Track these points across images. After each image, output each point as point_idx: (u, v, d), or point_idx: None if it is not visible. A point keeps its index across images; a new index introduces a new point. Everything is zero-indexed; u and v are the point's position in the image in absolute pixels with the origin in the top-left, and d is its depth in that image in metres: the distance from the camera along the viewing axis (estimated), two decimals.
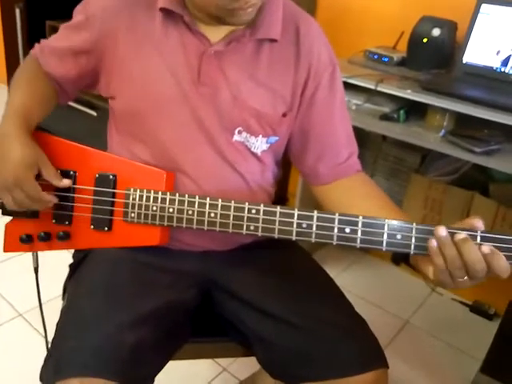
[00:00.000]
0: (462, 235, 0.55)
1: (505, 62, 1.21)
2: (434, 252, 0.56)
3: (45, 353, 0.65)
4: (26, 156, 0.64)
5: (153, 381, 0.67)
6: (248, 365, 0.85)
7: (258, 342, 0.73)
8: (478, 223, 0.57)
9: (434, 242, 0.56)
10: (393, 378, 1.28)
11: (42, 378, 0.63)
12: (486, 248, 0.55)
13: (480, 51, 1.23)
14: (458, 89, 1.19)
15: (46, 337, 0.81)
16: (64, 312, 0.70)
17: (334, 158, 0.77)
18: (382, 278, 1.68)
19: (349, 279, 1.60)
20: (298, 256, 0.82)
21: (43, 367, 0.63)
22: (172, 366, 0.72)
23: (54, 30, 2.17)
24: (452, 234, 0.56)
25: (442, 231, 0.56)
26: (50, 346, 0.64)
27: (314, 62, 0.73)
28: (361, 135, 1.46)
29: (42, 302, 0.80)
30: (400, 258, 0.69)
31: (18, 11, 2.37)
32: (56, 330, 0.66)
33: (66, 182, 0.69)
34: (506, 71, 1.21)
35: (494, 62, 1.22)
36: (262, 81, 0.71)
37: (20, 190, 0.64)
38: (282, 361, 0.70)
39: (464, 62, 1.26)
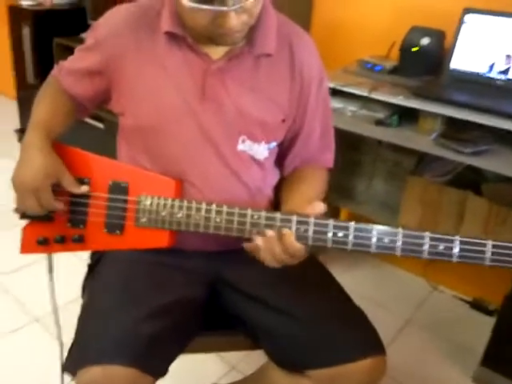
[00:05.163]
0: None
1: (490, 68, 1.27)
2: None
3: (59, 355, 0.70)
4: (46, 165, 0.71)
5: (167, 370, 0.72)
6: (256, 362, 0.90)
7: (263, 334, 0.79)
8: (314, 210, 0.66)
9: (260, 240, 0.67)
10: (395, 375, 1.32)
11: (65, 368, 0.69)
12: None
13: (467, 58, 1.29)
14: (447, 94, 1.24)
15: (59, 334, 0.84)
16: (84, 308, 0.76)
17: (307, 155, 0.87)
18: (384, 277, 1.72)
19: (351, 280, 1.64)
20: None
21: (67, 358, 0.69)
22: (182, 364, 0.76)
23: (61, 47, 2.27)
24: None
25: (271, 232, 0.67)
26: (73, 338, 0.70)
27: (305, 75, 0.81)
28: (358, 140, 1.53)
29: (58, 305, 0.85)
30: None
31: (26, 30, 2.46)
32: (78, 324, 0.72)
33: (84, 189, 0.75)
34: (492, 76, 1.27)
35: (481, 68, 1.28)
36: (261, 91, 0.78)
37: (34, 197, 0.71)
38: (286, 351, 0.75)
39: (451, 68, 1.32)
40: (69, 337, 0.72)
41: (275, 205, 0.88)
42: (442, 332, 1.49)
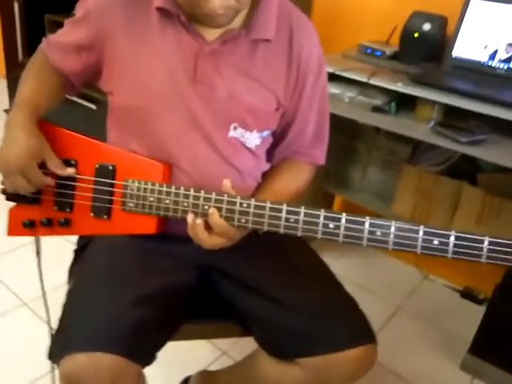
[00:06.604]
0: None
1: (492, 56, 1.25)
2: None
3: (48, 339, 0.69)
4: (30, 146, 0.68)
5: (154, 357, 0.71)
6: (247, 348, 0.89)
7: (254, 321, 0.78)
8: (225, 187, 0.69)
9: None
10: (384, 363, 1.33)
11: (49, 355, 0.67)
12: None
13: (469, 46, 1.27)
14: (447, 82, 1.22)
15: (48, 317, 0.83)
16: (70, 294, 0.74)
17: (298, 147, 0.85)
18: (376, 265, 1.73)
19: (343, 267, 1.64)
20: (290, 241, 0.86)
21: (51, 344, 0.68)
22: (172, 349, 0.75)
23: (53, 23, 2.20)
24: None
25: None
26: (57, 325, 0.68)
27: (303, 63, 0.77)
28: (355, 127, 1.50)
29: (46, 290, 0.83)
30: None
31: (16, 6, 2.38)
32: (63, 310, 0.70)
33: (70, 171, 0.73)
34: (493, 65, 1.25)
35: (482, 56, 1.26)
36: (256, 78, 0.75)
37: (22, 177, 0.68)
38: (277, 339, 0.75)
39: (453, 56, 1.29)
40: (57, 321, 0.70)
41: None
42: (432, 320, 1.50)
